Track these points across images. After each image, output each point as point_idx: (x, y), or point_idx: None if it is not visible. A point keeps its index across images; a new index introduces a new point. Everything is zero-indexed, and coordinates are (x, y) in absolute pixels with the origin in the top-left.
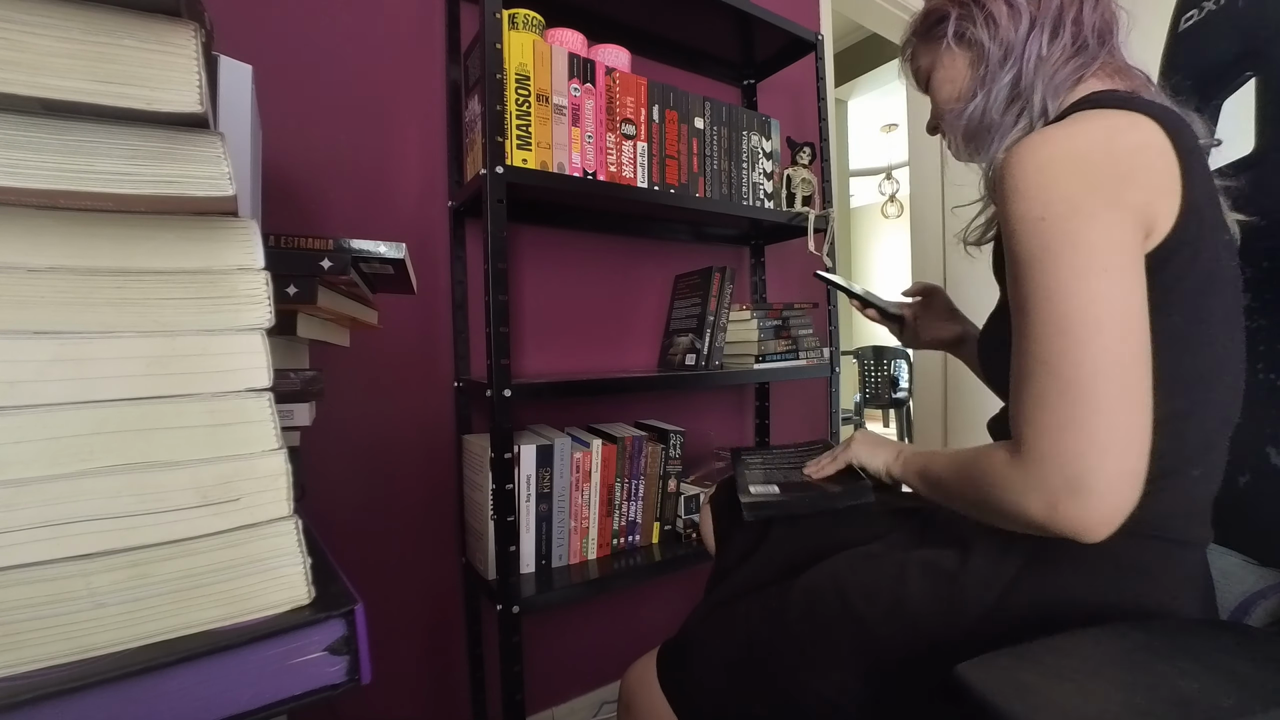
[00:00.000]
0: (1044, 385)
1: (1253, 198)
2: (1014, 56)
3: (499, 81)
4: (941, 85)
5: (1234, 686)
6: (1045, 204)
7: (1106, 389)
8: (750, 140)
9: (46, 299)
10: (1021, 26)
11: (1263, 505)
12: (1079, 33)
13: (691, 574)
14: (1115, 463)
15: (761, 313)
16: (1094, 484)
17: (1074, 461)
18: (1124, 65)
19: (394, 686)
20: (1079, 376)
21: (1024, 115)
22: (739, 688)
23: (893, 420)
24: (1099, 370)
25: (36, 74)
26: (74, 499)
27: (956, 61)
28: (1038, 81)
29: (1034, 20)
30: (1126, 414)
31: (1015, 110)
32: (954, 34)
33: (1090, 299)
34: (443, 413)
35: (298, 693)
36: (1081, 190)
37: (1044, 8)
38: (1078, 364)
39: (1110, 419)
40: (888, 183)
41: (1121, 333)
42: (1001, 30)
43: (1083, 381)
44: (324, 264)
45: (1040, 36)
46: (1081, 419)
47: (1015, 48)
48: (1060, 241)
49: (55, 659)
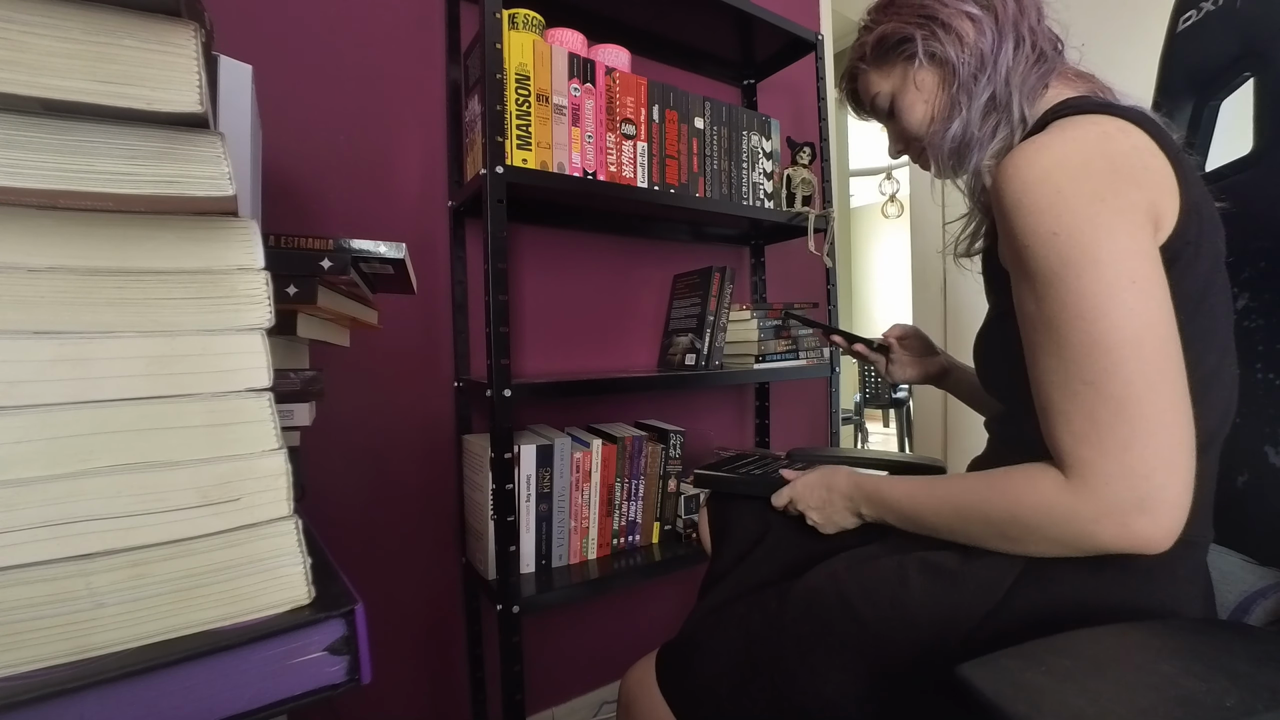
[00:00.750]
0: (1095, 406)
1: (1251, 198)
2: (987, 69)
3: (499, 81)
4: (913, 107)
5: (1235, 686)
6: (1056, 218)
7: (1159, 403)
8: (750, 140)
9: (46, 299)
10: (986, 40)
11: (1261, 505)
12: (1036, 41)
13: (691, 574)
14: (1181, 475)
15: (761, 313)
16: (1166, 498)
17: (1144, 480)
18: (1079, 71)
19: (394, 686)
20: (1131, 394)
21: (1002, 125)
22: (739, 689)
23: (893, 420)
24: (1150, 386)
25: (36, 74)
26: (74, 499)
27: (927, 81)
28: (1012, 91)
29: (997, 32)
30: (1180, 425)
31: (993, 122)
32: (924, 53)
33: (1126, 314)
34: (443, 413)
35: (298, 693)
36: (1089, 200)
37: (1001, 20)
38: (1127, 382)
39: (1168, 433)
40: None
41: (1160, 343)
42: (969, 45)
43: (1136, 399)
44: (324, 264)
45: (1006, 47)
46: (1144, 437)
47: (987, 61)
48: (1080, 257)
49: (55, 659)
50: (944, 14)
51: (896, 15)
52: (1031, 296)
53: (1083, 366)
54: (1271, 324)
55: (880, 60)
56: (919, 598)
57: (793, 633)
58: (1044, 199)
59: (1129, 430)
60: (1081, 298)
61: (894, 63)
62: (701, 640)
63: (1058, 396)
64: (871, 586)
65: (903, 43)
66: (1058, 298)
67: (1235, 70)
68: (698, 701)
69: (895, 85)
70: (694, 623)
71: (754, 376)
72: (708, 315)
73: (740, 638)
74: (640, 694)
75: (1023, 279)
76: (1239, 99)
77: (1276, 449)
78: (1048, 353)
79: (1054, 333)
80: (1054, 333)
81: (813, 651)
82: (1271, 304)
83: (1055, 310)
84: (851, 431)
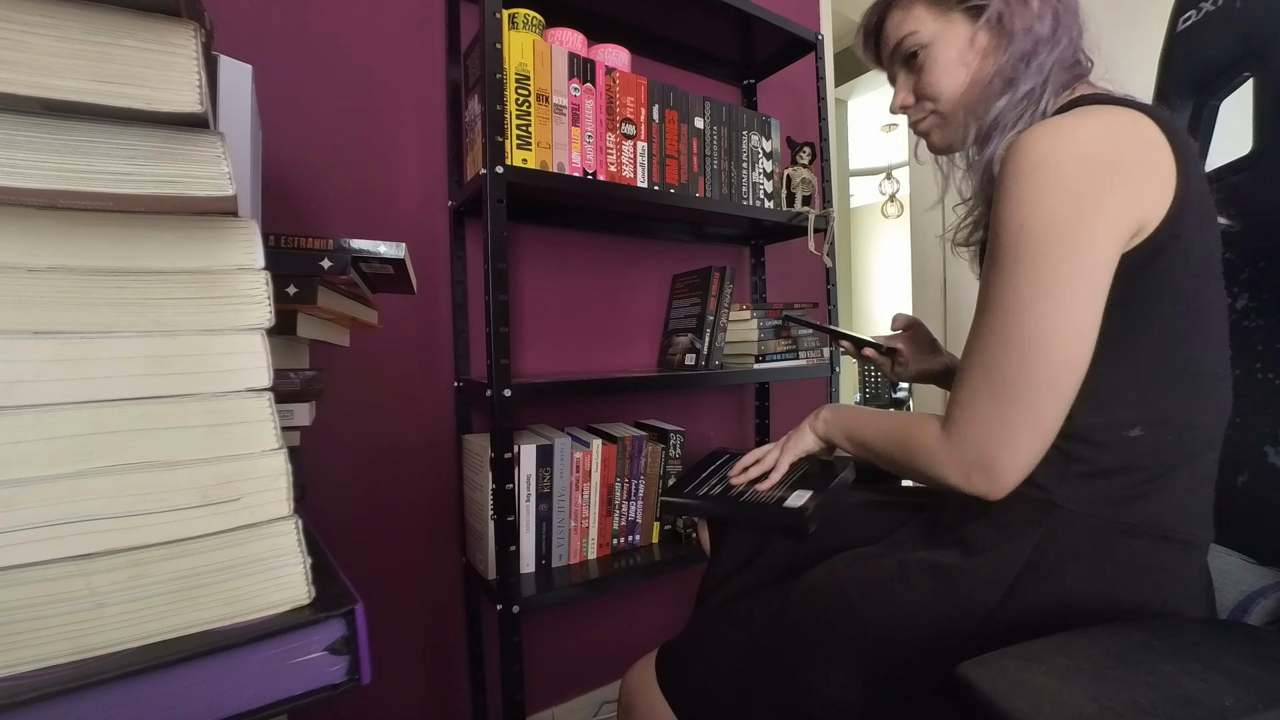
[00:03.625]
0: (980, 382)
1: (1250, 197)
2: (1041, 55)
3: (499, 81)
4: (951, 66)
5: (1235, 685)
6: (1029, 213)
7: (1035, 401)
8: (750, 140)
9: (46, 299)
10: (1046, 25)
11: (1261, 504)
12: (1075, 46)
13: (691, 574)
14: (1024, 456)
15: (761, 313)
16: (1003, 469)
17: (988, 449)
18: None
19: (394, 686)
20: (1014, 387)
21: (1026, 117)
22: (739, 689)
23: None
24: (1034, 385)
25: (36, 74)
26: (74, 499)
27: (981, 44)
28: (1050, 82)
29: (1056, 21)
30: (1046, 422)
31: (1020, 109)
32: (995, 14)
33: (1038, 317)
34: (443, 413)
35: (298, 693)
36: (1063, 202)
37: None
38: (1017, 375)
39: (1030, 426)
40: (888, 183)
41: (1065, 352)
42: (1036, 25)
43: (1015, 393)
44: (324, 264)
45: (1060, 38)
46: (1005, 420)
47: (1042, 47)
48: (1030, 255)
49: (55, 659)
50: None
51: None
52: (987, 271)
53: (987, 347)
54: (1271, 324)
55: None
56: (920, 597)
57: (793, 632)
58: (1028, 190)
59: (997, 413)
60: (1012, 290)
61: (953, 8)
62: (702, 639)
63: (965, 364)
64: (872, 586)
65: None
66: (998, 284)
67: (1235, 70)
68: (698, 701)
69: (941, 33)
70: (695, 622)
71: (754, 376)
72: (707, 315)
73: (741, 637)
74: (641, 693)
75: (987, 261)
76: (1239, 99)
77: (1276, 449)
78: (976, 324)
79: (984, 312)
80: (984, 312)
81: (814, 651)
82: (1271, 304)
83: (991, 295)
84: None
